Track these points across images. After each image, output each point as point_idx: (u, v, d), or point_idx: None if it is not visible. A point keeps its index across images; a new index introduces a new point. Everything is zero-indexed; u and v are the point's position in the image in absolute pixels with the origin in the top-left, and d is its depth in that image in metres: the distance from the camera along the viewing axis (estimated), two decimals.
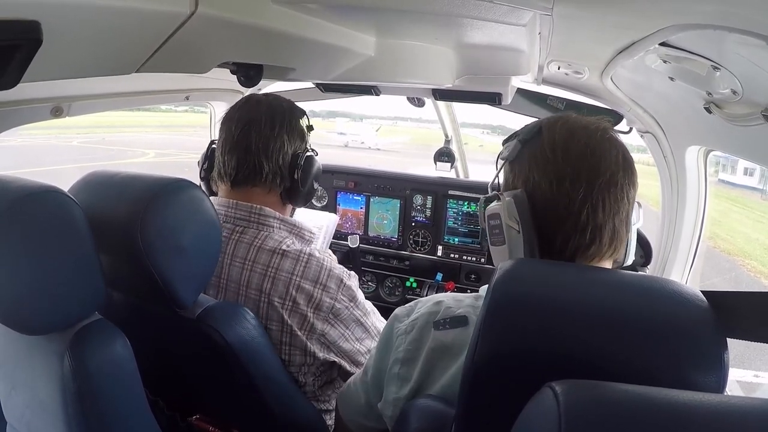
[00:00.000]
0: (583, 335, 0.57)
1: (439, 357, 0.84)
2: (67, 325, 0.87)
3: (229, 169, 1.21)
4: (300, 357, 1.18)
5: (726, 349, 0.55)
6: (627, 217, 0.79)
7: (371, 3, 0.91)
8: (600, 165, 0.77)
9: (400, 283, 2.37)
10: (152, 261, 0.94)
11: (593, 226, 0.76)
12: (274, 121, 1.21)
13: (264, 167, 1.20)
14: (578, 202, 0.76)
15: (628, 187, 0.78)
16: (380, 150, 19.28)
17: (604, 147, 0.78)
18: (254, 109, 1.23)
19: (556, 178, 0.77)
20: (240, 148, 1.20)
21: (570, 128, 0.81)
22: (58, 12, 0.52)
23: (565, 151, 0.78)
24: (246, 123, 1.20)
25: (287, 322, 1.15)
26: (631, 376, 0.51)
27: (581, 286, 0.62)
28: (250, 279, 1.16)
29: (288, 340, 1.16)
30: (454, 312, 0.86)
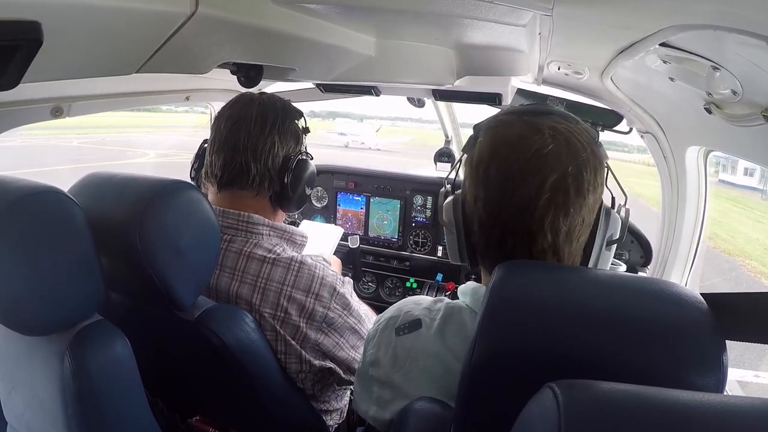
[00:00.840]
0: (582, 336, 0.57)
1: (402, 362, 0.84)
2: (67, 325, 0.87)
3: (215, 170, 1.16)
4: (296, 365, 1.17)
5: (725, 350, 0.55)
6: (556, 248, 0.73)
7: (371, 3, 0.91)
8: (515, 191, 0.72)
9: (400, 284, 2.37)
10: (151, 262, 0.94)
11: (504, 251, 0.75)
12: (265, 121, 1.15)
13: (251, 168, 1.14)
14: (488, 225, 0.75)
15: (555, 218, 0.71)
16: (380, 150, 19.31)
17: (530, 167, 0.71)
18: (246, 107, 1.17)
19: (475, 195, 0.77)
20: (227, 146, 1.14)
21: (504, 137, 0.76)
22: (58, 13, 0.52)
23: (486, 167, 0.75)
24: (235, 121, 1.15)
25: (280, 332, 1.13)
26: (630, 377, 0.51)
27: (579, 287, 0.62)
28: (239, 291, 1.12)
29: (283, 349, 1.15)
30: (411, 316, 0.86)
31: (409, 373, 0.84)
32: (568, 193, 0.71)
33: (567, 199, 0.71)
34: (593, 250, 0.75)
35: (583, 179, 0.72)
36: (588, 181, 0.72)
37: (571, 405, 0.42)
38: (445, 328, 0.82)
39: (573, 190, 0.71)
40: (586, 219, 0.74)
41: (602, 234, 0.76)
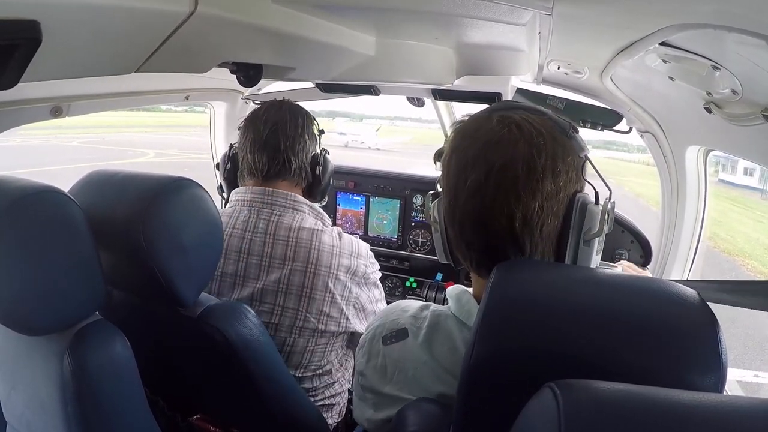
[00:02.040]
0: (582, 336, 0.57)
1: (391, 373, 0.84)
2: (67, 325, 0.87)
3: (260, 166, 1.33)
4: (335, 326, 1.29)
5: (725, 349, 0.55)
6: (513, 235, 0.72)
7: (371, 2, 0.91)
8: (467, 179, 0.73)
9: (400, 284, 2.37)
10: (154, 259, 0.94)
11: (465, 241, 0.76)
12: (297, 123, 1.36)
13: (292, 163, 1.35)
14: (450, 216, 0.77)
15: (505, 202, 0.71)
16: (380, 150, 19.30)
17: (479, 156, 0.73)
18: (279, 112, 1.37)
19: (443, 189, 0.80)
20: (269, 146, 1.33)
21: (462, 133, 0.78)
22: (57, 12, 0.52)
23: (448, 162, 0.78)
24: (273, 124, 1.34)
25: (330, 289, 1.26)
26: (629, 377, 0.51)
27: (578, 286, 0.62)
28: (295, 254, 1.26)
29: (328, 310, 1.27)
30: (397, 324, 0.86)
31: (398, 383, 0.83)
32: (517, 177, 0.70)
33: (516, 182, 0.70)
34: (568, 244, 0.73)
35: (536, 164, 0.71)
36: (543, 167, 0.71)
37: (571, 405, 0.42)
38: (432, 338, 0.81)
39: (523, 174, 0.70)
40: (546, 206, 0.72)
41: (577, 227, 0.73)
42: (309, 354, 1.29)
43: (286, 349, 1.26)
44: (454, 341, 0.79)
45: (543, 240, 0.73)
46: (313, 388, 1.34)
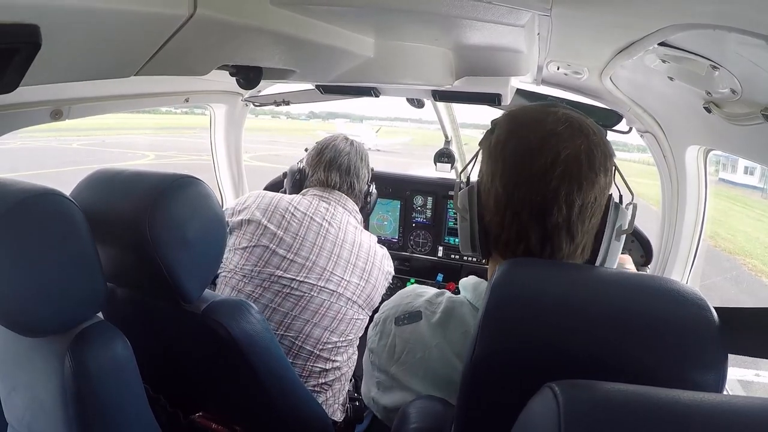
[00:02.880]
0: (584, 333, 0.57)
1: (400, 351, 0.86)
2: (68, 327, 0.88)
3: (331, 182, 1.63)
4: (363, 300, 1.53)
5: (726, 348, 0.55)
6: (569, 224, 0.74)
7: (370, 4, 0.91)
8: (534, 163, 0.74)
9: (400, 284, 2.37)
10: (160, 255, 0.95)
11: (518, 225, 0.76)
12: (361, 157, 1.70)
13: (355, 186, 1.66)
14: (504, 199, 0.77)
15: (570, 190, 0.73)
16: (380, 151, 19.31)
17: (545, 142, 0.74)
18: (348, 145, 1.69)
19: (492, 172, 0.79)
20: (342, 169, 1.64)
21: (520, 120, 0.80)
22: (57, 16, 0.52)
23: (504, 145, 0.78)
24: (346, 154, 1.67)
25: (367, 269, 1.54)
26: (631, 374, 0.51)
27: (581, 284, 0.62)
28: (345, 236, 1.53)
29: (363, 284, 1.52)
30: (412, 307, 0.88)
31: (405, 364, 0.85)
32: (581, 166, 0.73)
33: (580, 171, 0.73)
34: (604, 237, 0.77)
35: (595, 157, 0.74)
36: (599, 160, 0.75)
37: (571, 405, 0.42)
38: (447, 323, 0.83)
39: (586, 164, 0.74)
40: (598, 199, 0.76)
41: (612, 222, 0.77)
42: (351, 325, 1.50)
43: (339, 316, 1.47)
44: (468, 326, 0.81)
45: (588, 232, 0.76)
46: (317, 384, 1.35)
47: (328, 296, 1.45)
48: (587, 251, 0.78)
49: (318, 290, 1.44)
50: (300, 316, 1.42)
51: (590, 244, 0.78)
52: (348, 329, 1.50)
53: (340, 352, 1.50)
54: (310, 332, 1.42)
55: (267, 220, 1.48)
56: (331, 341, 1.46)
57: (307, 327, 1.42)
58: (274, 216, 1.49)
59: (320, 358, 1.43)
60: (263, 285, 1.42)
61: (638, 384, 0.45)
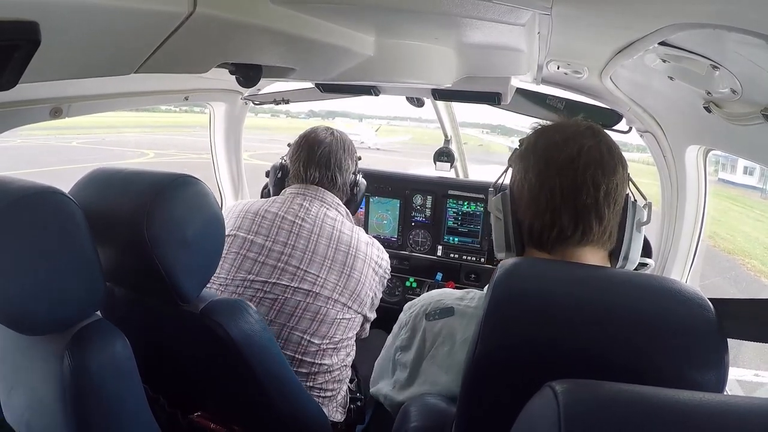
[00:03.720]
0: (584, 333, 0.57)
1: (430, 345, 0.92)
2: (67, 325, 0.88)
3: (311, 178, 1.55)
4: (358, 306, 1.46)
5: (726, 347, 0.55)
6: (597, 205, 0.82)
7: (371, 2, 0.91)
8: (561, 153, 0.83)
9: (400, 283, 2.37)
10: (158, 255, 0.95)
11: (552, 209, 0.82)
12: (345, 147, 1.60)
13: (338, 179, 1.58)
14: (537, 187, 0.84)
15: (594, 174, 0.81)
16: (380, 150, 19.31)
17: (570, 138, 0.84)
18: (330, 136, 1.60)
19: (524, 169, 0.88)
20: (322, 163, 1.56)
21: (546, 127, 0.91)
22: (56, 13, 0.52)
23: (533, 146, 0.88)
24: (327, 145, 1.57)
25: (364, 271, 1.46)
26: (631, 373, 0.51)
27: (582, 284, 0.62)
28: (321, 231, 1.45)
29: (359, 290, 1.45)
30: (444, 304, 0.95)
31: (434, 358, 0.90)
32: (603, 155, 0.83)
33: (602, 159, 0.83)
34: (626, 226, 0.85)
35: (613, 150, 0.85)
36: (617, 155, 0.85)
37: (571, 405, 0.42)
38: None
39: (607, 155, 0.83)
40: (619, 187, 0.84)
41: (632, 215, 0.86)
42: (335, 326, 1.42)
43: (319, 317, 1.39)
44: None
45: (614, 217, 0.84)
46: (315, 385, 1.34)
47: (303, 297, 1.37)
48: (613, 238, 0.85)
49: (291, 291, 1.37)
50: (276, 320, 1.36)
51: (615, 232, 0.85)
52: (332, 331, 1.41)
53: (328, 354, 1.42)
54: (288, 336, 1.36)
55: (237, 229, 1.44)
56: (313, 344, 1.38)
57: (284, 331, 1.36)
58: (244, 222, 1.45)
59: (304, 362, 1.38)
60: (237, 291, 1.38)
61: (639, 383, 0.45)
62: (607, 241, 0.84)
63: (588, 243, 0.83)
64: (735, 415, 0.41)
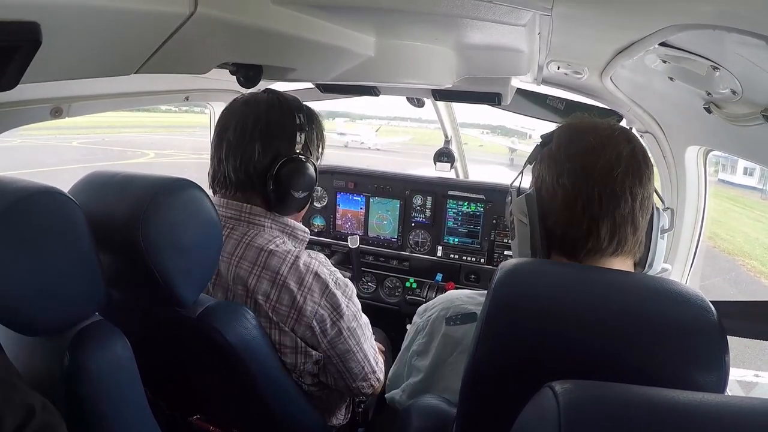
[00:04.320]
0: (584, 335, 0.57)
1: (450, 351, 0.89)
2: (67, 325, 0.87)
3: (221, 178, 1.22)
4: (292, 355, 1.18)
5: (727, 348, 0.55)
6: (633, 215, 0.79)
7: (371, 3, 0.91)
8: (598, 159, 0.79)
9: (399, 284, 2.37)
10: (154, 260, 0.94)
11: (589, 219, 0.78)
12: (256, 122, 1.19)
13: (232, 174, 1.20)
14: (573, 194, 0.80)
15: (632, 183, 0.78)
16: (380, 150, 19.30)
17: (606, 143, 0.80)
18: (244, 108, 1.23)
19: (557, 173, 0.82)
20: (230, 153, 1.20)
21: (577, 127, 0.86)
22: (57, 13, 0.52)
23: (567, 148, 0.83)
24: (240, 125, 1.20)
25: (273, 319, 1.14)
26: (631, 376, 0.51)
27: (582, 286, 0.62)
28: (236, 275, 1.15)
29: (278, 338, 1.16)
30: (466, 309, 0.91)
31: (454, 365, 0.88)
32: (639, 163, 0.80)
33: (639, 167, 0.80)
34: (653, 234, 0.84)
35: (647, 157, 0.82)
36: (649, 162, 0.82)
37: (571, 405, 0.42)
38: None
39: (642, 162, 0.81)
40: (651, 195, 0.82)
41: (657, 221, 0.85)
42: (302, 362, 1.20)
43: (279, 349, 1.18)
44: None
45: (644, 226, 0.82)
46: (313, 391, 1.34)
47: None
48: (642, 247, 0.83)
49: None
50: None
51: (643, 238, 0.83)
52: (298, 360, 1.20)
53: None
54: None
55: None
56: None
57: None
58: None
59: None
60: None
61: (639, 384, 0.45)
62: (637, 251, 0.82)
63: (621, 254, 0.80)
64: (735, 415, 0.41)
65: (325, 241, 2.43)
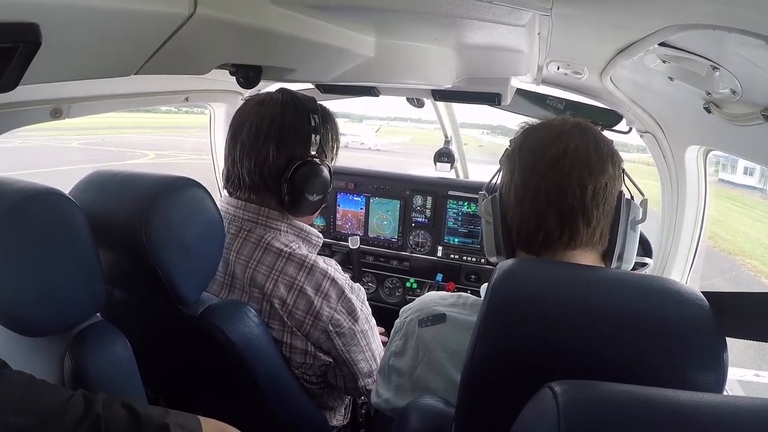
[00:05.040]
0: (583, 335, 0.57)
1: (423, 353, 0.91)
2: (68, 326, 0.88)
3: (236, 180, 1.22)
4: (300, 356, 1.19)
5: (725, 348, 0.55)
6: (584, 207, 0.79)
7: (371, 3, 0.91)
8: (546, 154, 0.81)
9: (400, 284, 2.37)
10: (156, 258, 0.95)
11: (537, 213, 0.80)
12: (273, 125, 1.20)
13: (246, 177, 1.21)
14: (522, 190, 0.82)
15: (580, 175, 0.79)
16: (380, 150, 19.30)
17: (555, 137, 0.82)
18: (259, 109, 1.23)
19: (511, 171, 0.85)
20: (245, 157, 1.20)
21: (533, 126, 0.89)
22: (56, 14, 0.52)
23: (520, 146, 0.86)
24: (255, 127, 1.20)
25: (287, 323, 1.16)
26: (630, 376, 0.51)
27: (581, 285, 0.62)
28: (253, 278, 1.16)
29: (289, 341, 1.17)
30: (436, 310, 0.93)
31: (428, 365, 0.89)
32: (589, 154, 0.80)
33: (590, 159, 0.80)
34: (620, 226, 0.83)
35: (601, 149, 0.82)
36: (606, 153, 0.82)
37: (570, 405, 0.42)
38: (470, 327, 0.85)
39: (594, 154, 0.81)
40: (609, 186, 0.81)
41: (626, 214, 0.83)
42: (308, 363, 1.21)
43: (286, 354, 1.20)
44: None
45: (604, 217, 0.81)
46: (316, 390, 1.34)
47: None
48: (605, 239, 0.82)
49: None
50: None
51: (607, 232, 0.82)
52: None
53: None
54: None
55: None
56: None
57: None
58: None
59: None
60: None
61: (639, 384, 0.45)
62: (597, 243, 0.82)
63: (577, 246, 0.80)
64: (735, 415, 0.41)
65: (326, 242, 2.43)
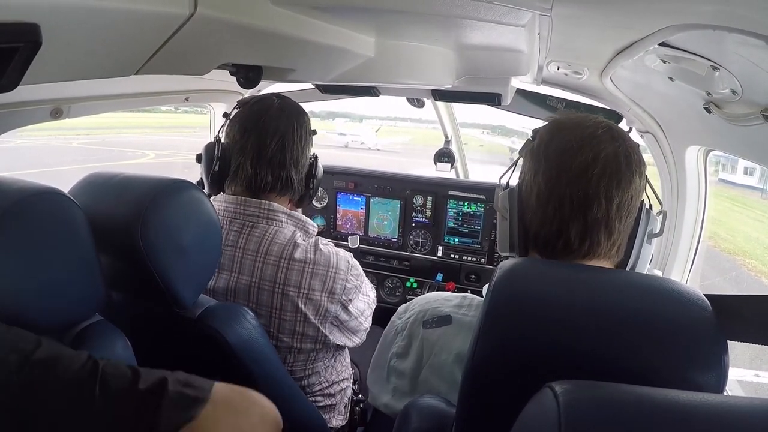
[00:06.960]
0: (584, 335, 0.57)
1: (428, 354, 0.90)
2: (68, 326, 0.87)
3: (261, 183, 1.23)
4: (311, 344, 1.23)
5: (726, 350, 0.55)
6: (608, 219, 0.76)
7: (371, 4, 0.91)
8: (574, 160, 0.77)
9: (400, 284, 2.37)
10: (153, 261, 0.94)
11: (560, 220, 0.78)
12: (301, 133, 1.26)
13: (294, 180, 1.27)
14: (546, 194, 0.79)
15: (609, 186, 0.76)
16: (380, 150, 19.30)
17: (585, 142, 0.78)
18: (281, 119, 1.23)
19: (534, 170, 0.81)
20: (275, 163, 1.23)
21: (561, 123, 0.84)
22: (57, 14, 0.52)
23: (546, 145, 0.81)
24: (280, 137, 1.22)
25: (302, 310, 1.19)
26: (630, 374, 0.51)
27: (581, 285, 0.62)
28: (263, 271, 1.19)
29: (301, 329, 1.21)
30: (441, 312, 0.92)
31: (432, 367, 0.88)
32: (619, 165, 0.77)
33: (619, 169, 0.76)
34: (636, 239, 0.80)
35: (632, 158, 0.78)
36: (635, 162, 0.78)
37: (571, 405, 0.42)
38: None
39: (624, 164, 0.77)
40: (634, 199, 0.78)
41: (644, 225, 0.81)
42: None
43: (297, 345, 1.23)
44: None
45: (624, 231, 0.79)
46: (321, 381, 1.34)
47: None
48: (621, 251, 0.80)
49: None
50: None
51: (624, 244, 0.80)
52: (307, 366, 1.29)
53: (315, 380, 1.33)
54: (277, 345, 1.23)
55: None
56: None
57: None
58: None
59: None
60: None
61: (639, 384, 0.45)
62: (614, 255, 0.80)
63: (594, 257, 0.78)
64: (735, 415, 0.41)
65: None
